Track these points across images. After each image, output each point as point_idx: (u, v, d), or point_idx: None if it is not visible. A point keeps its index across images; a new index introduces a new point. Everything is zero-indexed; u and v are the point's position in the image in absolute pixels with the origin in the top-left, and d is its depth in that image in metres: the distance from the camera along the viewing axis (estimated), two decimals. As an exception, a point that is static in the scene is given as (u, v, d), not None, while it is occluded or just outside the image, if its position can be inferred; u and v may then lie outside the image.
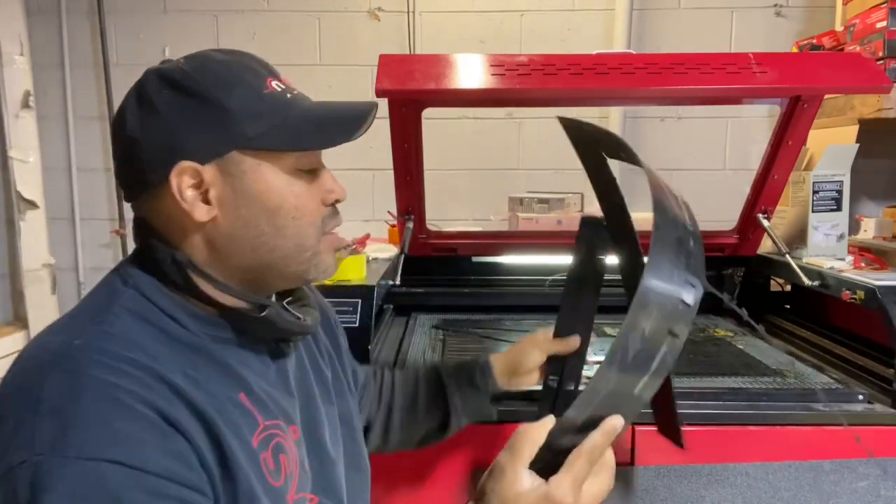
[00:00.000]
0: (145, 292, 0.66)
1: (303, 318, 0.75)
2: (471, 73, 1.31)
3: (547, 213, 2.08)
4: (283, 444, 0.69)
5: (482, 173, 2.61)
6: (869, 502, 1.11)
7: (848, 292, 1.29)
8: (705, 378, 1.25)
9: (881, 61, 1.86)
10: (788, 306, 1.74)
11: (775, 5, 2.52)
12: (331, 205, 0.73)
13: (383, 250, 1.65)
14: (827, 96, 1.76)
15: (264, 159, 0.67)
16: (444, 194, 2.45)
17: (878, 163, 2.36)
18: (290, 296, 0.79)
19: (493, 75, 1.29)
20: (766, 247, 1.70)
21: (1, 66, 2.47)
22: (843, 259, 1.47)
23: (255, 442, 0.65)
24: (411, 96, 1.39)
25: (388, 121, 1.43)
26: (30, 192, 2.55)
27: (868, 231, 1.89)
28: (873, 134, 1.83)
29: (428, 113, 1.46)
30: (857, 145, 1.55)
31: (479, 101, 1.85)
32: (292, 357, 0.78)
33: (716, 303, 1.70)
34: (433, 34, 2.56)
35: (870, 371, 1.30)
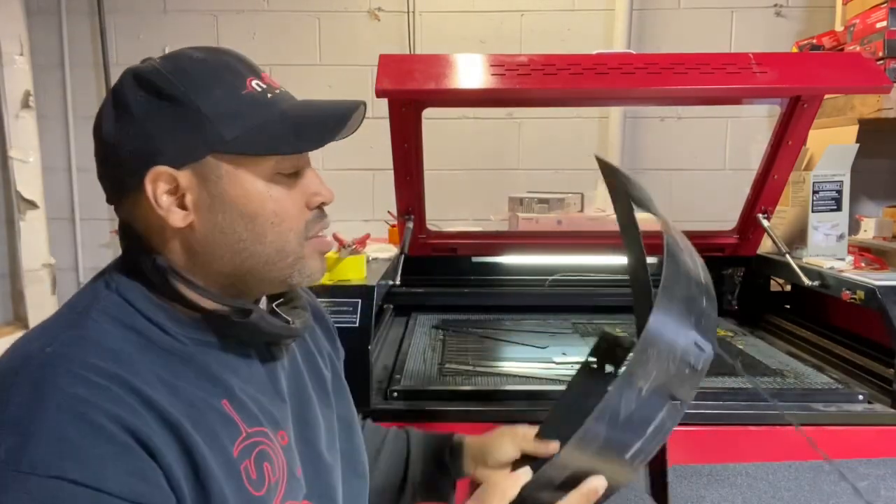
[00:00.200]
0: (127, 297, 0.65)
1: (292, 321, 0.72)
2: (471, 73, 1.31)
3: (547, 213, 2.07)
4: (268, 451, 0.67)
5: (482, 173, 2.61)
6: (869, 502, 1.11)
7: (848, 292, 1.29)
8: (705, 378, 1.24)
9: (881, 61, 1.87)
10: (788, 306, 1.74)
11: (775, 5, 2.52)
12: (317, 207, 0.70)
13: (383, 250, 1.65)
14: (827, 96, 1.76)
15: (242, 164, 0.64)
16: (444, 194, 2.44)
17: (878, 163, 2.36)
18: (282, 297, 0.77)
19: (493, 75, 1.29)
20: (766, 247, 1.70)
21: (1, 66, 2.48)
22: (843, 259, 1.47)
23: (235, 451, 0.63)
24: (411, 96, 1.39)
25: (388, 121, 1.43)
26: (30, 192, 2.55)
27: (868, 231, 1.90)
28: (873, 134, 1.83)
29: (428, 113, 1.46)
30: (857, 145, 1.55)
31: (479, 101, 1.86)
32: (285, 360, 0.75)
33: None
34: (433, 34, 2.56)
35: (870, 371, 1.30)
